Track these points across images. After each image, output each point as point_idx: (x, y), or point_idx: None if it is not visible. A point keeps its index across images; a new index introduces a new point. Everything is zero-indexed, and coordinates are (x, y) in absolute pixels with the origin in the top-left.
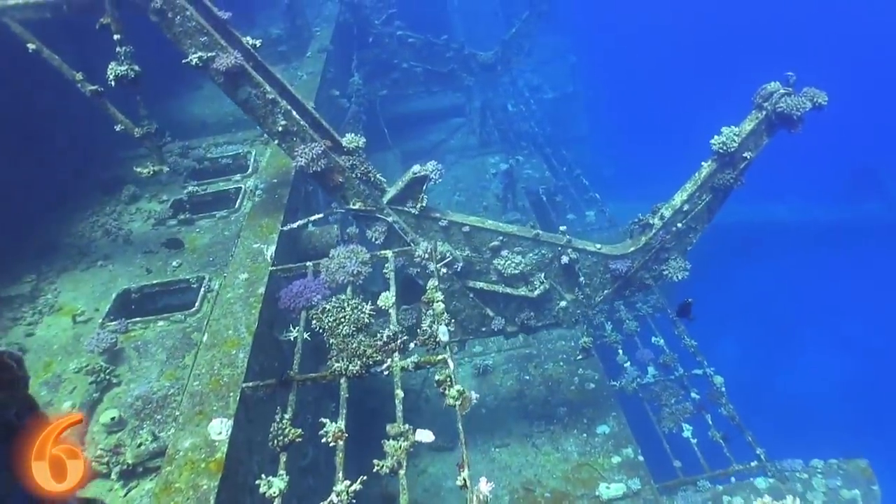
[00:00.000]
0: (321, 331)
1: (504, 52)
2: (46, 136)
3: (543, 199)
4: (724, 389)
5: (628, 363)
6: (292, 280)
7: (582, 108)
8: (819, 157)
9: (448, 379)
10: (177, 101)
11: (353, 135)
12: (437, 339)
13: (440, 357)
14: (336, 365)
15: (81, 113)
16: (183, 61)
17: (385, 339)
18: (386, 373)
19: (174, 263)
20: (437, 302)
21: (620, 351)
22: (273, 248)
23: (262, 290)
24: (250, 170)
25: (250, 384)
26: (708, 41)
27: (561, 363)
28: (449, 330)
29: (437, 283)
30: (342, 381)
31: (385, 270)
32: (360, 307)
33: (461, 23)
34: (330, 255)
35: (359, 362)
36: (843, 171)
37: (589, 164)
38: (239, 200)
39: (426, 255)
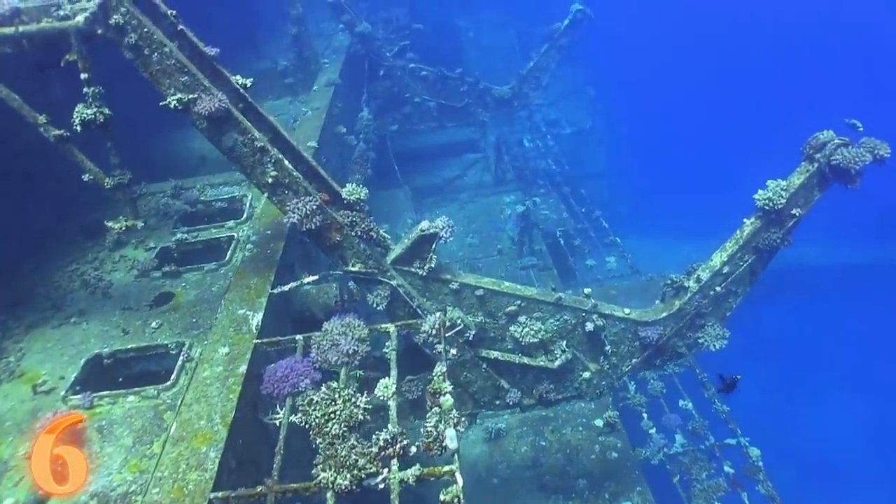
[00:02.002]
0: (307, 426)
1: (521, 87)
2: (27, 175)
3: (561, 242)
4: (761, 464)
5: (654, 430)
6: (279, 355)
7: (601, 143)
8: (845, 196)
9: (456, 500)
10: (178, 132)
11: (353, 185)
12: (445, 445)
13: (447, 469)
14: (322, 475)
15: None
16: (160, 104)
17: (382, 443)
18: (381, 486)
19: (153, 325)
20: (446, 395)
21: (645, 415)
22: (260, 315)
23: (243, 367)
24: (245, 216)
25: (220, 494)
26: (734, 74)
27: (580, 428)
28: (459, 432)
29: (445, 369)
30: (329, 495)
31: (385, 350)
32: (353, 399)
33: (476, 56)
34: (322, 329)
35: (349, 475)
36: (870, 210)
37: (608, 202)
38: (230, 252)
39: (434, 332)
